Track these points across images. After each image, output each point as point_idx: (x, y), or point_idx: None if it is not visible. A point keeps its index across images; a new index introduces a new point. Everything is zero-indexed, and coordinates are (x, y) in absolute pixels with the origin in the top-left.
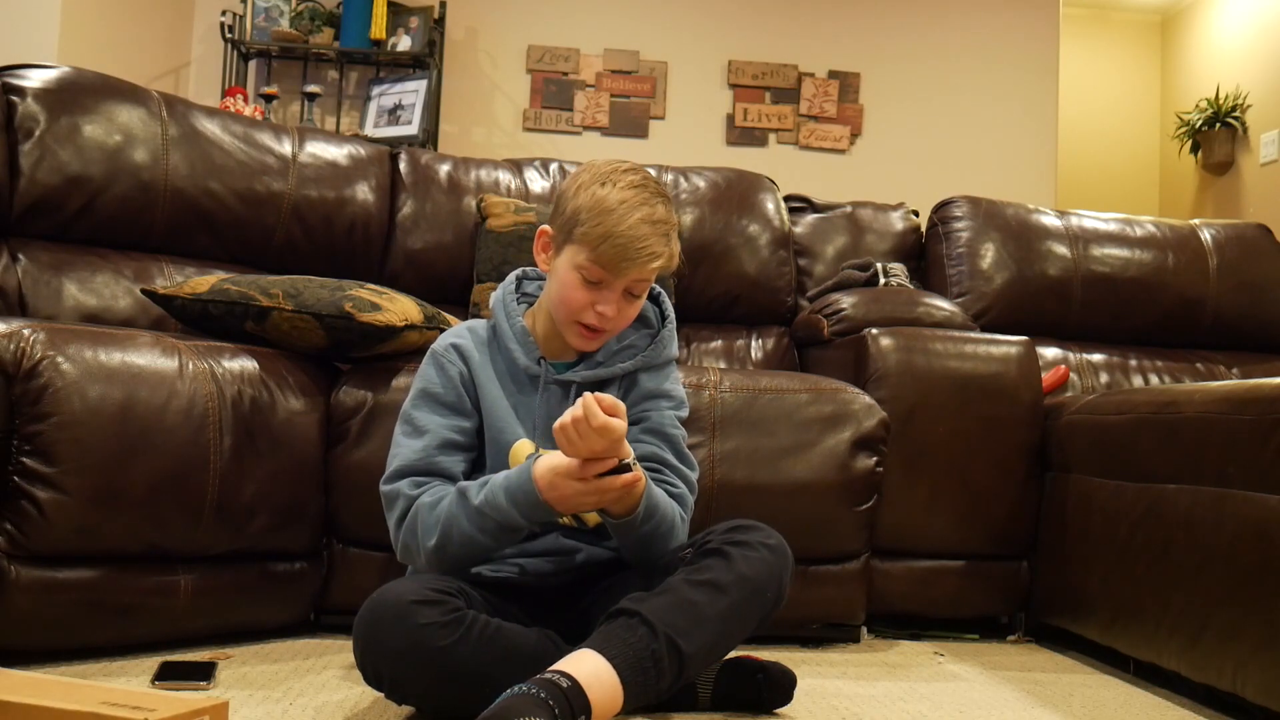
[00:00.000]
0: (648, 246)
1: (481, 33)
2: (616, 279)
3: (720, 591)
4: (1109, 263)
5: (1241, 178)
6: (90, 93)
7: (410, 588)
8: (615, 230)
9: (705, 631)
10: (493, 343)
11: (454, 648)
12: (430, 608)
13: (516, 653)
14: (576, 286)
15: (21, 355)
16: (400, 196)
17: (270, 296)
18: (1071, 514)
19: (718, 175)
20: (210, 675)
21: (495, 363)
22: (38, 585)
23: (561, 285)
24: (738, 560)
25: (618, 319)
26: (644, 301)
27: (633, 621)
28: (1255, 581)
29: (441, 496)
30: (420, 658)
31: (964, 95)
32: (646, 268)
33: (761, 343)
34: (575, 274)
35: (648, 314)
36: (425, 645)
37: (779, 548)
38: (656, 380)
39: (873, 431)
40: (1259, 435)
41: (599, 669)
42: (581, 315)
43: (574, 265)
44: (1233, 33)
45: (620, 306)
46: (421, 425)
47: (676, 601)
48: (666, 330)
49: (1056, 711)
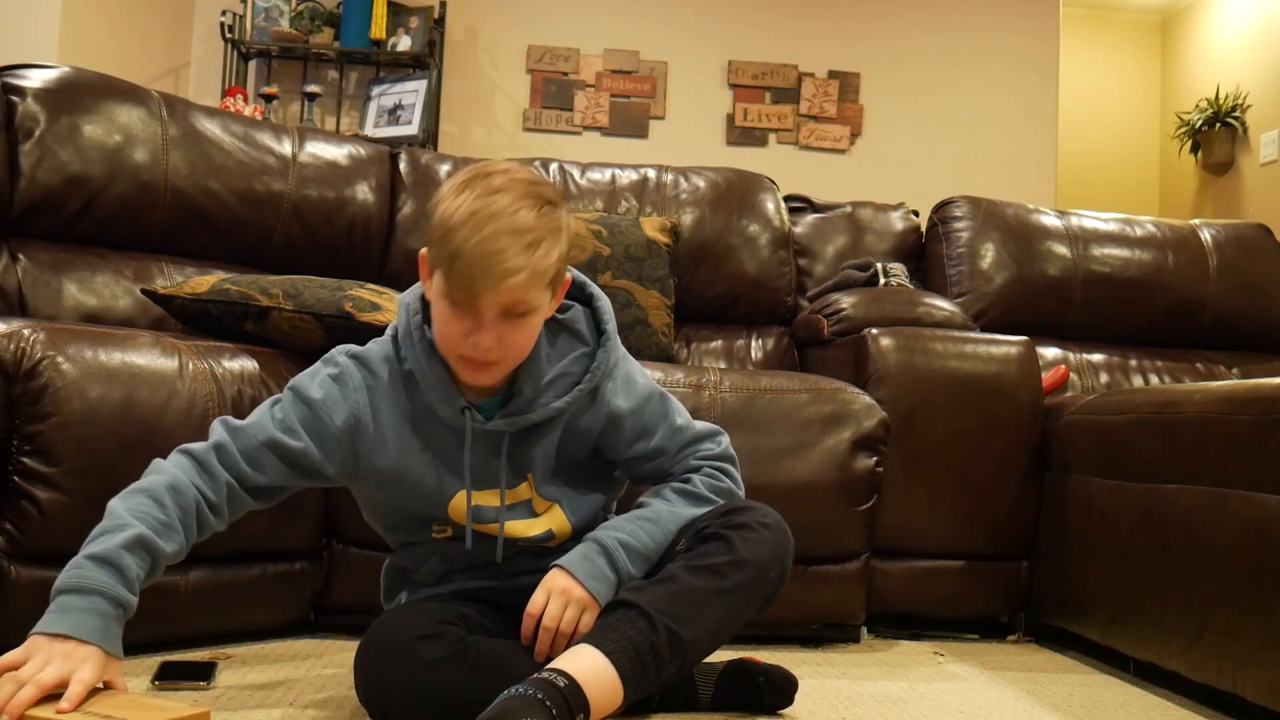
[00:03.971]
0: (501, 262)
1: (481, 33)
2: (479, 304)
3: (720, 576)
4: (1109, 263)
5: (1241, 178)
6: (90, 93)
7: (410, 622)
8: (464, 248)
9: (706, 618)
10: (406, 381)
11: (461, 681)
12: (433, 643)
13: (523, 673)
14: (447, 318)
15: (21, 355)
16: (400, 196)
17: (270, 296)
18: (1071, 514)
19: (718, 175)
20: (210, 675)
21: (411, 403)
22: (38, 585)
23: (436, 317)
24: (737, 543)
25: (503, 348)
26: (539, 321)
27: (631, 614)
28: (1255, 581)
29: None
30: (428, 695)
31: (964, 95)
32: (504, 287)
33: (761, 343)
34: (444, 303)
35: (579, 326)
36: (432, 684)
37: (778, 526)
38: (611, 404)
39: (873, 431)
40: (1259, 435)
41: (597, 665)
42: (459, 348)
43: (441, 294)
44: (1233, 33)
45: (501, 334)
46: (277, 419)
47: (675, 590)
48: (604, 348)
49: (1056, 711)
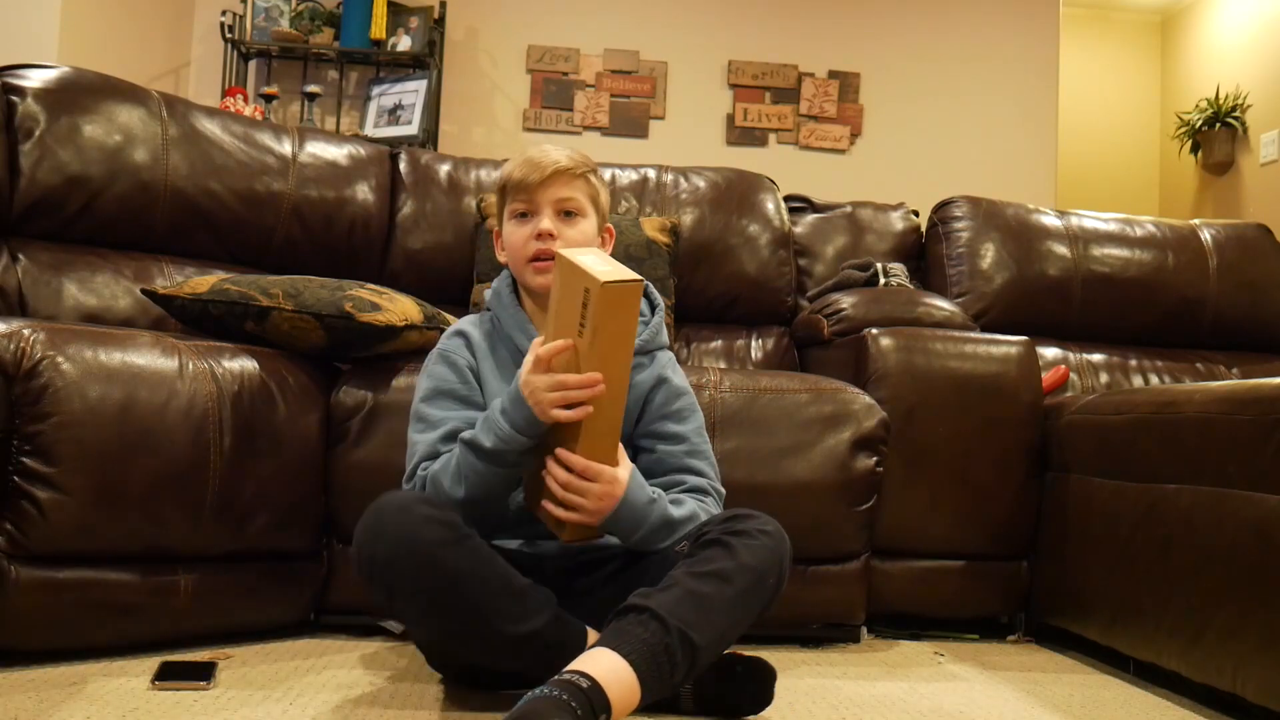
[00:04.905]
0: (549, 156)
1: (481, 33)
2: (537, 197)
3: (725, 581)
4: (1109, 263)
5: (1241, 178)
6: (90, 93)
7: (416, 495)
8: (519, 160)
9: (715, 622)
10: (494, 334)
11: (446, 548)
12: (432, 508)
13: (506, 582)
14: (513, 231)
15: (21, 355)
16: (400, 196)
17: (270, 296)
18: (1071, 514)
19: (718, 175)
20: (210, 675)
21: (498, 353)
22: (38, 585)
23: (507, 240)
24: (739, 549)
25: (563, 239)
26: (591, 229)
27: (643, 617)
28: (1255, 581)
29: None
30: (416, 546)
31: (964, 95)
32: (556, 174)
33: (761, 343)
34: (511, 223)
35: None
36: (421, 538)
37: (777, 534)
38: (662, 371)
39: (873, 431)
40: (1259, 435)
41: (616, 666)
42: (526, 249)
43: (507, 219)
44: (1233, 33)
45: (558, 226)
46: (434, 419)
47: (684, 594)
48: (656, 318)
49: (1056, 711)
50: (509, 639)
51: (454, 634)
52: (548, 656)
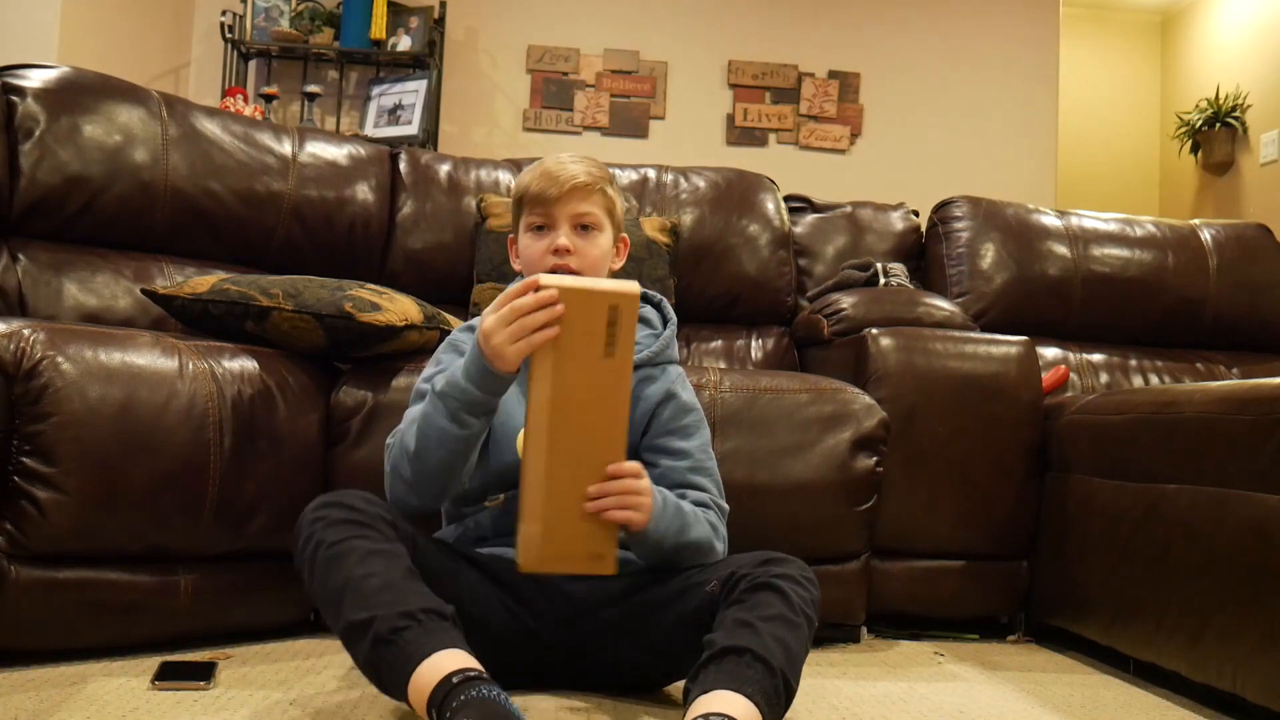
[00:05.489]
0: (566, 170)
1: (481, 33)
2: (554, 212)
3: (792, 627)
4: (1109, 263)
5: (1241, 178)
6: (90, 93)
7: (358, 495)
8: (537, 171)
9: (796, 665)
10: None
11: (347, 546)
12: (345, 512)
13: (392, 604)
14: (530, 244)
15: (21, 355)
16: (400, 196)
17: (270, 296)
18: (1071, 514)
19: (718, 175)
20: (210, 675)
21: None
22: (38, 585)
23: (523, 252)
24: (792, 595)
25: (579, 254)
26: (607, 243)
27: (745, 658)
28: (1255, 581)
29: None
30: (304, 533)
31: (964, 95)
32: (576, 191)
33: (761, 343)
34: (527, 234)
35: (649, 317)
36: (308, 521)
37: (815, 580)
38: (670, 386)
39: (873, 431)
40: (1259, 435)
41: (748, 710)
42: (543, 263)
43: (524, 231)
44: (1233, 33)
45: (575, 241)
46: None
47: (771, 638)
48: (668, 331)
49: (1056, 711)
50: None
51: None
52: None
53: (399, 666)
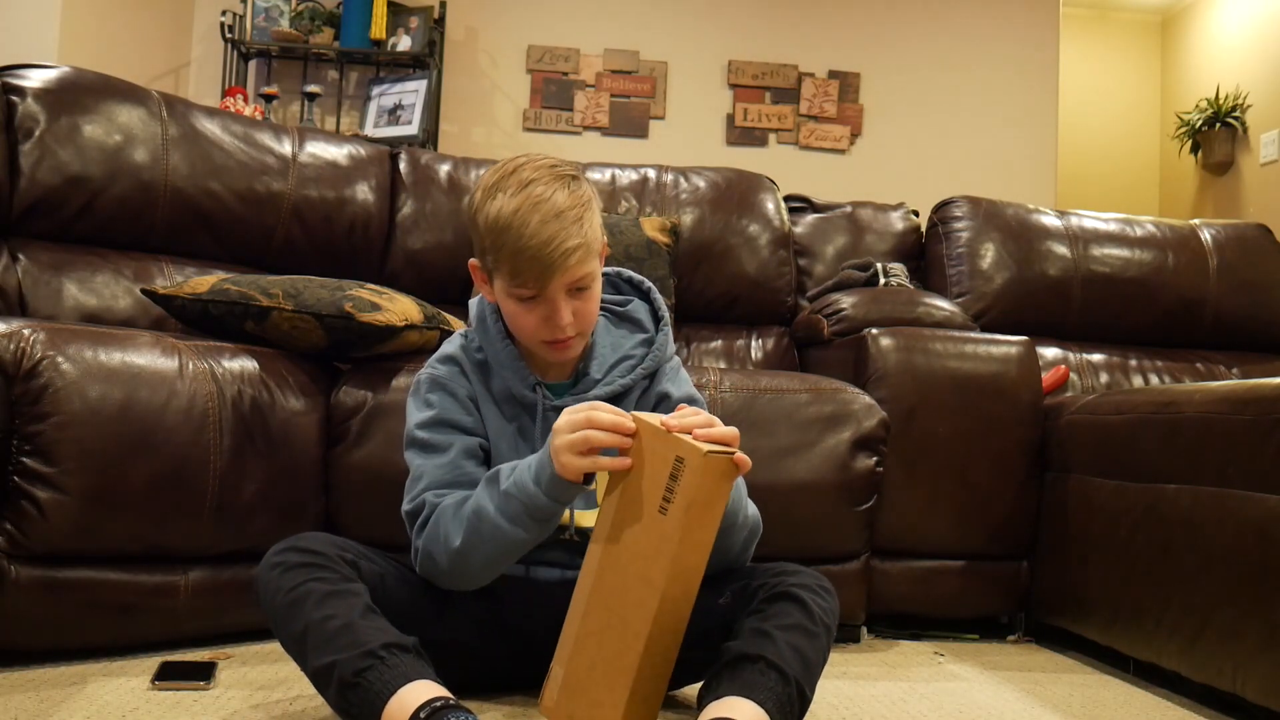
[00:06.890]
0: (560, 245)
1: (481, 33)
2: (549, 288)
3: (811, 636)
4: (1109, 263)
5: (1241, 178)
6: (90, 93)
7: (318, 537)
8: (520, 245)
9: (813, 675)
10: (484, 366)
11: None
12: (302, 555)
13: (356, 645)
14: (520, 313)
15: (21, 355)
16: (400, 196)
17: (270, 296)
18: (1071, 514)
19: (718, 175)
20: (210, 675)
21: (491, 385)
22: (38, 585)
23: (509, 315)
24: (811, 605)
25: (579, 321)
26: (599, 286)
27: (760, 666)
28: (1255, 581)
29: (468, 497)
30: (263, 579)
31: (964, 95)
32: (568, 267)
33: (761, 343)
34: (512, 300)
35: (640, 316)
36: (265, 568)
37: (832, 589)
38: (662, 386)
39: (873, 431)
40: (1259, 435)
41: (758, 717)
42: (539, 335)
43: (507, 293)
44: (1233, 33)
45: (573, 308)
46: (440, 444)
47: (788, 647)
48: (662, 334)
49: (1056, 711)
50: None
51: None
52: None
53: (368, 707)
